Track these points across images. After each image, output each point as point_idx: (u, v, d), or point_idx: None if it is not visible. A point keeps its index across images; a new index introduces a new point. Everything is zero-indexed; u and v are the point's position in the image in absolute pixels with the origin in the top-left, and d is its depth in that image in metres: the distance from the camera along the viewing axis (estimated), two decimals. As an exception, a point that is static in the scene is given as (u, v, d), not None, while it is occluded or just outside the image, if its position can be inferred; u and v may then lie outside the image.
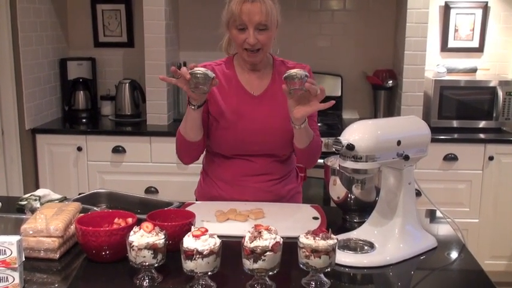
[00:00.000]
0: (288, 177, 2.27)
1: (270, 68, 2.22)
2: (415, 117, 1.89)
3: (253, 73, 2.20)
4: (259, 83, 2.20)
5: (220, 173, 2.23)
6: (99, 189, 2.36)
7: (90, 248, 1.65)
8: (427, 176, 3.62)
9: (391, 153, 1.72)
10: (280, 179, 2.24)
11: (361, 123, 1.72)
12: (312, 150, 2.16)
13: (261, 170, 2.19)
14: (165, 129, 3.84)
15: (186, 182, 3.56)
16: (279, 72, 2.20)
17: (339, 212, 2.10)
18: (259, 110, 2.12)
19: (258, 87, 2.19)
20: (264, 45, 2.08)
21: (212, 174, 2.27)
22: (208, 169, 2.30)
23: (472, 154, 3.66)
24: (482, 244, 3.71)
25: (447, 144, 3.66)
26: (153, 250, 1.52)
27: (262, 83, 2.20)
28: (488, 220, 3.73)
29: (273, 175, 2.22)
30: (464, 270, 1.73)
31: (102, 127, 4.03)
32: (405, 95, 3.82)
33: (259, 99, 2.17)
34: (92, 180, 3.82)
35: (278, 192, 2.23)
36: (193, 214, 1.79)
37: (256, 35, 2.05)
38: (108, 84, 4.39)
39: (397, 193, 1.79)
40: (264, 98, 2.18)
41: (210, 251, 1.46)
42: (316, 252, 1.49)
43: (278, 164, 2.20)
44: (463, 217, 3.64)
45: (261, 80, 2.20)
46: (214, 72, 2.16)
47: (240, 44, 2.09)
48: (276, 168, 2.21)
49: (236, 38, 2.09)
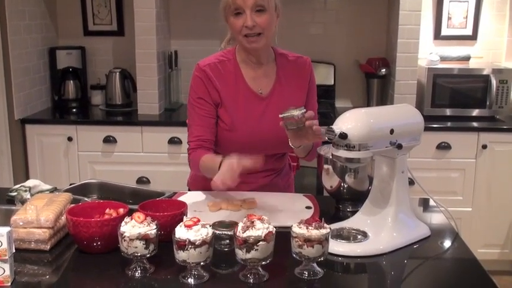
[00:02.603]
0: (284, 169, 2.27)
1: (273, 63, 2.17)
2: (408, 106, 1.89)
3: (258, 69, 2.14)
4: (265, 81, 2.15)
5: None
6: (90, 179, 2.36)
7: (81, 239, 1.65)
8: (420, 164, 3.63)
9: (384, 141, 1.72)
10: (276, 172, 2.24)
11: (354, 112, 1.72)
12: (309, 156, 2.17)
13: (261, 167, 2.17)
14: (156, 118, 3.82)
15: (177, 172, 3.56)
16: (283, 67, 2.16)
17: (332, 201, 2.11)
18: (268, 111, 2.09)
19: (265, 85, 2.14)
20: (264, 28, 2.02)
21: None
22: None
23: (465, 143, 3.67)
24: (475, 233, 3.73)
25: (440, 132, 3.67)
26: (145, 240, 1.52)
27: (268, 80, 2.15)
28: (481, 209, 3.75)
29: (271, 170, 2.22)
30: (457, 258, 1.74)
31: (93, 117, 4.01)
32: (398, 83, 3.82)
33: (268, 100, 2.13)
34: (83, 170, 3.81)
35: (276, 184, 2.23)
36: (185, 204, 1.79)
37: (253, 17, 2.00)
38: (98, 73, 4.36)
39: (390, 182, 1.79)
40: (272, 98, 2.14)
41: (202, 241, 1.46)
42: (309, 241, 1.49)
43: (276, 160, 2.20)
44: (456, 206, 3.66)
45: (266, 78, 2.15)
46: (218, 71, 2.10)
47: (238, 31, 2.03)
48: (274, 163, 2.22)
49: (234, 25, 2.03)
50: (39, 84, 4.08)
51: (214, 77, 2.09)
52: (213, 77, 2.09)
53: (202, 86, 2.09)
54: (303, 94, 2.17)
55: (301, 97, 2.16)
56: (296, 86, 2.16)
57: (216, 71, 2.10)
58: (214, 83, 2.09)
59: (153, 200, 1.85)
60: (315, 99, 2.22)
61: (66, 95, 4.20)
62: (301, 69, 2.18)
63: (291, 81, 2.16)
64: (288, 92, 2.15)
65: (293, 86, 2.16)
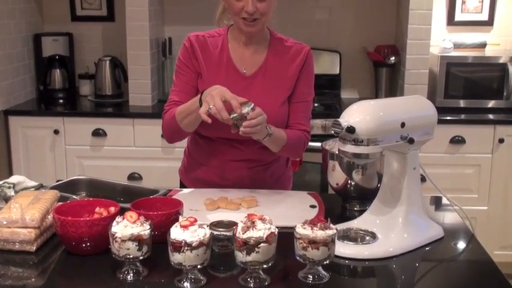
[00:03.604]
0: (274, 164, 2.28)
1: (266, 44, 2.21)
2: (419, 97, 1.89)
3: (247, 48, 2.19)
4: (252, 61, 2.19)
5: (203, 156, 2.26)
6: (79, 175, 2.36)
7: (69, 239, 1.65)
8: (433, 160, 3.63)
9: (394, 136, 1.72)
10: (265, 165, 2.25)
11: (361, 104, 1.72)
12: (287, 151, 2.19)
13: (245, 156, 2.20)
14: (149, 110, 3.82)
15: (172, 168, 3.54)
16: (275, 51, 2.20)
17: (338, 199, 2.11)
18: (249, 91, 2.12)
19: (251, 65, 2.19)
20: (263, 14, 2.07)
21: (195, 156, 2.30)
22: (192, 150, 2.32)
23: (480, 136, 3.67)
24: (491, 233, 3.73)
25: (454, 125, 3.67)
26: (137, 242, 1.52)
27: (255, 60, 2.19)
28: (498, 207, 3.75)
29: (257, 162, 2.23)
30: (472, 261, 1.74)
31: (81, 108, 4.01)
32: (409, 72, 3.81)
33: (251, 80, 2.17)
34: (71, 166, 3.81)
35: (262, 178, 2.25)
36: (180, 203, 1.79)
37: (255, 3, 2.04)
38: (87, 61, 4.36)
39: (400, 179, 1.80)
40: (256, 78, 2.18)
41: (199, 243, 1.46)
42: (314, 243, 1.49)
43: (263, 150, 2.20)
44: (471, 204, 3.65)
45: (254, 57, 2.19)
46: (205, 44, 2.18)
47: (236, 13, 2.08)
48: (261, 154, 2.22)
49: (233, 5, 2.07)
50: (23, 73, 4.08)
51: (199, 48, 2.18)
52: (198, 49, 2.18)
53: (186, 54, 2.19)
54: (290, 82, 2.19)
55: (287, 84, 2.19)
56: (284, 72, 2.19)
57: (202, 44, 2.19)
58: (197, 54, 2.17)
59: (146, 198, 1.85)
60: (307, 88, 2.23)
61: (52, 85, 4.20)
62: (295, 56, 2.20)
63: (280, 67, 2.19)
64: (274, 76, 2.17)
65: (281, 71, 2.19)
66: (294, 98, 2.20)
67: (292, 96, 2.20)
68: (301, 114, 2.21)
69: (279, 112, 2.14)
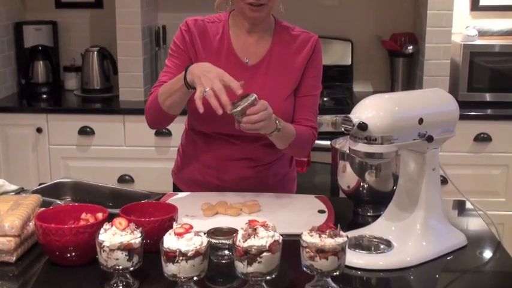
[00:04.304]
0: (277, 163, 2.28)
1: (270, 33, 2.22)
2: (440, 90, 1.89)
3: (250, 36, 2.19)
4: (255, 50, 2.20)
5: (199, 154, 2.26)
6: (63, 178, 2.36)
7: (52, 249, 1.65)
8: (455, 160, 3.62)
9: (411, 133, 1.72)
10: (267, 164, 2.25)
11: (375, 98, 1.72)
12: (294, 149, 2.18)
13: (244, 154, 2.20)
14: (141, 106, 3.80)
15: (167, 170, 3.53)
16: (280, 40, 2.20)
17: (349, 204, 2.11)
18: (251, 83, 2.12)
19: (254, 54, 2.19)
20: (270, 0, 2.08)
21: (190, 155, 2.30)
22: (186, 148, 2.33)
23: (508, 133, 3.66)
24: (519, 240, 3.73)
25: (478, 122, 3.66)
26: (127, 251, 1.52)
27: (259, 49, 2.20)
28: (527, 212, 3.75)
29: (259, 161, 2.23)
30: (499, 272, 1.74)
31: (66, 104, 4.01)
32: (428, 63, 3.81)
33: (253, 70, 2.18)
34: (55, 167, 3.82)
35: (265, 179, 2.25)
36: (175, 208, 1.79)
37: None
38: (73, 52, 4.36)
39: (418, 181, 1.79)
40: (259, 68, 2.18)
41: (195, 252, 1.46)
42: (323, 252, 1.49)
43: (266, 148, 2.20)
44: (497, 209, 3.64)
45: (257, 46, 2.20)
46: (204, 30, 2.18)
47: None
48: (262, 152, 2.22)
49: None
50: (3, 65, 4.08)
51: (197, 34, 2.18)
52: (196, 34, 2.18)
53: (182, 37, 2.19)
54: (296, 74, 2.20)
55: (293, 76, 2.19)
56: (290, 63, 2.19)
57: (202, 29, 2.18)
58: (195, 40, 2.17)
59: (137, 203, 1.85)
60: (314, 81, 2.24)
61: (35, 79, 4.21)
62: (302, 46, 2.21)
63: (286, 57, 2.20)
64: (278, 67, 2.18)
65: (286, 62, 2.19)
66: (300, 92, 2.20)
67: (299, 90, 2.20)
68: (308, 109, 2.21)
69: (283, 107, 2.14)
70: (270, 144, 2.15)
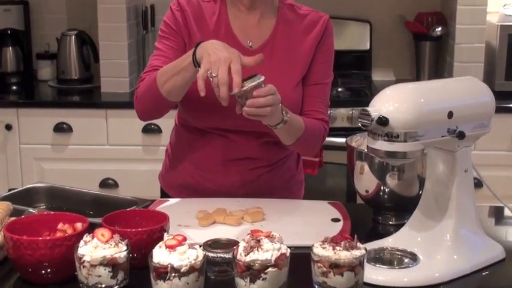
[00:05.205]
0: (282, 163, 2.28)
1: (273, 12, 2.22)
2: (473, 79, 1.89)
3: (250, 16, 2.20)
4: (257, 32, 2.20)
5: (191, 155, 2.25)
6: (37, 182, 2.37)
7: (25, 264, 1.65)
8: (491, 160, 3.62)
9: (439, 129, 1.71)
10: (271, 165, 2.25)
11: (397, 88, 1.72)
12: (302, 145, 2.18)
13: (245, 153, 2.20)
14: (126, 98, 3.83)
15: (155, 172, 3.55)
16: (285, 20, 2.21)
17: (368, 211, 2.11)
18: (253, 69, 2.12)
19: (256, 36, 2.20)
20: None
21: (181, 155, 2.30)
22: (176, 147, 2.33)
23: (552, 129, 3.67)
24: None
25: (518, 115, 3.67)
26: (111, 267, 1.52)
27: (261, 31, 2.20)
28: None
29: (262, 161, 2.24)
30: (542, 289, 1.74)
31: (40, 97, 4.02)
32: (459, 47, 3.81)
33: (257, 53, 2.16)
34: (27, 170, 3.82)
35: (268, 182, 2.25)
36: (166, 216, 1.79)
37: None
38: (47, 37, 4.36)
39: (448, 185, 1.79)
40: (263, 52, 2.15)
41: (189, 268, 1.46)
42: (337, 267, 1.50)
43: (270, 146, 2.21)
44: (540, 216, 3.65)
45: (260, 28, 2.20)
46: (198, 10, 2.18)
47: None
48: (266, 151, 2.23)
49: None
50: (-34, 52, 4.09)
51: (191, 14, 2.18)
52: (190, 15, 2.18)
53: (174, 18, 2.19)
54: (305, 59, 2.20)
55: (301, 62, 2.20)
56: (297, 46, 2.20)
57: (196, 9, 2.19)
58: (188, 21, 2.17)
59: (122, 211, 1.85)
60: (325, 68, 2.25)
61: (3, 67, 4.22)
62: (310, 27, 2.21)
63: (292, 39, 2.20)
64: (284, 51, 2.18)
65: (293, 45, 2.20)
66: (309, 80, 2.20)
67: (308, 78, 2.20)
68: (318, 99, 2.21)
69: (291, 96, 2.13)
70: (274, 142, 2.15)
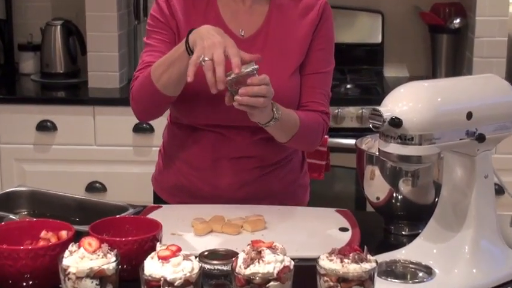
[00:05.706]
0: (285, 164, 2.28)
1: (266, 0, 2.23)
2: (494, 76, 1.89)
3: (241, 2, 2.21)
4: (249, 19, 2.21)
5: (183, 153, 2.26)
6: (18, 186, 2.37)
7: (4, 275, 1.65)
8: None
9: (457, 131, 1.71)
10: (272, 165, 2.26)
11: (412, 86, 1.72)
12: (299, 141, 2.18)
13: (242, 151, 2.20)
14: (115, 94, 3.83)
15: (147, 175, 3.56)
16: (279, 4, 2.21)
17: (379, 219, 2.12)
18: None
19: (248, 24, 2.21)
20: None
21: (174, 155, 2.30)
22: (169, 146, 2.34)
23: None
24: None
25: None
26: (98, 279, 1.52)
27: (253, 18, 2.21)
28: None
29: (261, 160, 2.24)
30: None
31: (21, 92, 4.03)
32: (479, 41, 3.81)
33: (249, 43, 2.17)
34: (7, 172, 3.83)
35: (269, 184, 2.26)
36: (159, 224, 1.79)
37: None
38: (30, 27, 4.36)
39: (466, 192, 1.79)
40: (256, 42, 2.19)
41: (184, 281, 1.46)
42: (345, 281, 1.50)
43: (269, 143, 2.21)
44: None
45: (251, 15, 2.21)
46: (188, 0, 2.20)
47: None
48: (265, 148, 2.23)
49: None
50: None
51: (177, 4, 2.20)
52: (176, 5, 2.20)
53: (160, 10, 2.22)
54: (301, 45, 2.21)
55: (296, 49, 2.21)
56: (293, 32, 2.21)
57: None
58: (175, 12, 2.19)
59: (111, 218, 1.86)
60: (324, 54, 2.25)
61: (-19, 60, 4.23)
62: (306, 10, 2.22)
63: (287, 25, 2.21)
64: (279, 38, 2.19)
65: (288, 31, 2.20)
66: (307, 68, 2.20)
67: (305, 66, 2.20)
68: (317, 90, 2.22)
69: (288, 86, 2.14)
70: (271, 139, 2.16)
